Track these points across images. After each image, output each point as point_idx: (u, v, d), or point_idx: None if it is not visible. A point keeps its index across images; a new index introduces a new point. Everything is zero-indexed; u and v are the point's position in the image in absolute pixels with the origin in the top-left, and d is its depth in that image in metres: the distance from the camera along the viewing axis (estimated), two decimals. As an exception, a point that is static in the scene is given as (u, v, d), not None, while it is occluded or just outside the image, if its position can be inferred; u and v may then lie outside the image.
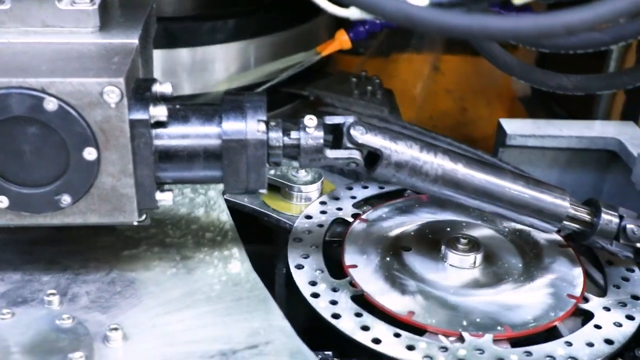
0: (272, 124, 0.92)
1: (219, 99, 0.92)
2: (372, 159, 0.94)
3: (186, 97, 1.45)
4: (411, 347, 0.91)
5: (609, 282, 1.05)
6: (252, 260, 1.04)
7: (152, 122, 0.86)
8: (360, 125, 0.93)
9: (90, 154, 0.85)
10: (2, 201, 0.87)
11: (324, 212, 1.17)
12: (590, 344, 0.93)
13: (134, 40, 0.92)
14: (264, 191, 0.92)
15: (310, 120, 0.92)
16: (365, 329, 0.93)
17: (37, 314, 0.92)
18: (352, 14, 0.78)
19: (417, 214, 1.17)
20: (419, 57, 2.09)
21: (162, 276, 1.01)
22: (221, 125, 0.89)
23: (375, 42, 1.92)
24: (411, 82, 2.11)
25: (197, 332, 0.91)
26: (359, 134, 0.92)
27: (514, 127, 1.45)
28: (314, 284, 1.01)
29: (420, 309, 0.97)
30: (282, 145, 0.91)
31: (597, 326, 0.96)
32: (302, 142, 0.92)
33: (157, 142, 0.88)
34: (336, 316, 0.95)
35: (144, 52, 0.98)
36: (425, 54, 2.09)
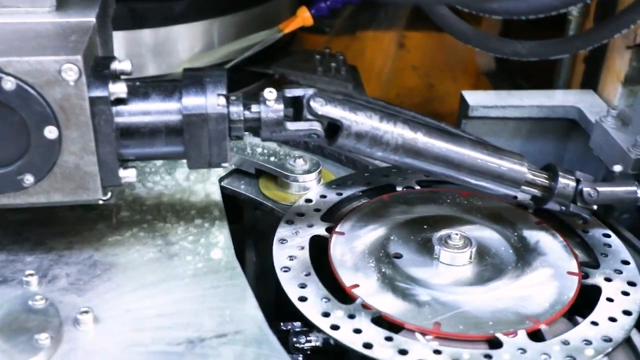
0: (233, 98, 0.93)
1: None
2: (332, 131, 0.96)
3: (151, 79, 1.45)
4: None
5: (596, 251, 1.05)
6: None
7: (112, 99, 0.87)
8: (319, 97, 0.94)
9: (51, 132, 0.85)
10: (-36, 183, 0.87)
11: (296, 233, 1.07)
12: (612, 319, 0.92)
13: (91, 18, 0.92)
14: (226, 165, 0.93)
15: (270, 93, 0.93)
16: (403, 352, 0.87)
17: (13, 293, 0.93)
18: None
19: (388, 216, 1.11)
20: (384, 34, 2.10)
21: (143, 261, 1.01)
22: (181, 100, 0.90)
23: (339, 20, 1.93)
24: (377, 60, 2.12)
25: (169, 318, 0.91)
26: (319, 106, 0.94)
27: (477, 98, 1.47)
28: (327, 315, 0.92)
29: (443, 318, 0.92)
30: (243, 119, 0.92)
31: (609, 299, 0.96)
32: (263, 115, 0.93)
33: (118, 119, 0.89)
34: (368, 346, 0.88)
35: (103, 32, 0.98)
36: (390, 32, 2.10)
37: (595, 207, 1.05)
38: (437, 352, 0.87)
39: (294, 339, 0.93)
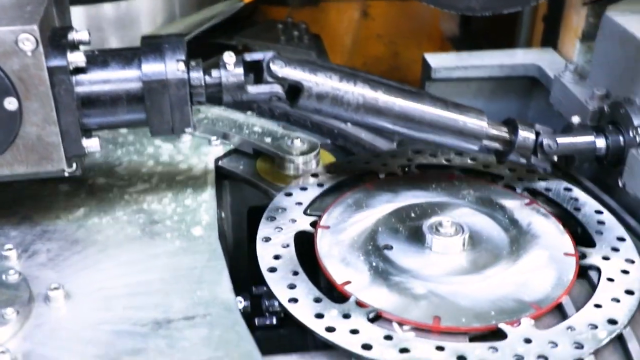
0: (192, 63, 0.93)
1: None
2: (294, 93, 0.97)
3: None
4: (463, 359, 0.82)
5: (589, 230, 1.04)
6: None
7: (71, 68, 0.87)
8: (279, 59, 0.95)
9: (10, 103, 0.85)
10: None
11: (279, 230, 1.02)
12: (616, 300, 0.90)
13: (46, -11, 0.91)
14: (189, 129, 0.94)
15: (229, 57, 0.93)
16: (404, 351, 0.83)
17: (-11, 267, 0.92)
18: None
19: (374, 206, 1.07)
20: (347, 4, 2.10)
21: (125, 239, 1.00)
22: (141, 67, 0.90)
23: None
24: (341, 29, 2.12)
25: (140, 298, 0.90)
26: (279, 68, 0.94)
27: (439, 60, 1.48)
28: (320, 316, 0.87)
29: (442, 311, 0.88)
30: (203, 84, 0.93)
31: (610, 279, 0.93)
32: (223, 79, 0.93)
33: (78, 88, 0.89)
34: (367, 347, 0.83)
35: (59, 3, 0.97)
36: (353, 1, 2.10)
37: (555, 158, 1.07)
38: (440, 348, 0.83)
39: (267, 302, 0.94)
